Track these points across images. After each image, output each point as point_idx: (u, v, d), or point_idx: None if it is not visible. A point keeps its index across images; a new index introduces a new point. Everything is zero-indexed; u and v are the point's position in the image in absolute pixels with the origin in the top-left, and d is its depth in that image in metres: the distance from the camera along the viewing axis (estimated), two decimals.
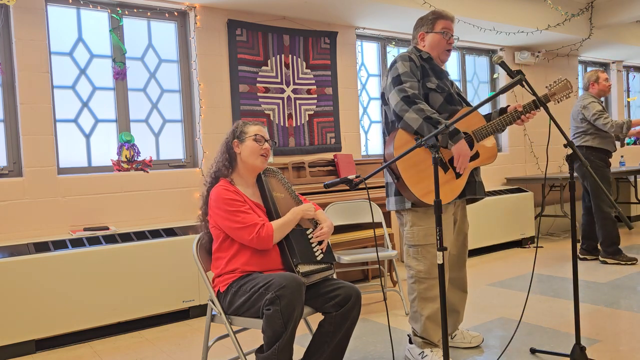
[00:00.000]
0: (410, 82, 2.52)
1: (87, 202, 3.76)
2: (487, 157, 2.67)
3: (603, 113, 4.67)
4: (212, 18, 4.34)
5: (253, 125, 2.42)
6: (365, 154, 5.43)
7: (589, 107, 4.72)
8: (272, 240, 2.23)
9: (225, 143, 2.42)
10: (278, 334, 2.04)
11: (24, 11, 3.58)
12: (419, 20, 2.78)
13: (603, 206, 4.73)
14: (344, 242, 4.08)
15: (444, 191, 2.52)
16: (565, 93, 2.67)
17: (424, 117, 2.43)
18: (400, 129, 2.53)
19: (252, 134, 2.38)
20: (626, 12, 5.84)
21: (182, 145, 4.35)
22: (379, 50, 5.54)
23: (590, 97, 4.79)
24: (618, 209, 2.22)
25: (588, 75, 4.91)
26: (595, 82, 4.84)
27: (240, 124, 2.45)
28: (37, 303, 3.16)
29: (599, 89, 4.83)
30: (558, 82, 2.65)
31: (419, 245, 2.60)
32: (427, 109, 2.45)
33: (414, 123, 2.44)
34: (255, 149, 2.37)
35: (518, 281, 4.33)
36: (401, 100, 2.47)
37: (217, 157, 2.42)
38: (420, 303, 2.60)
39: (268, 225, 2.24)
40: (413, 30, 2.81)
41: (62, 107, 3.84)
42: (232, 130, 2.44)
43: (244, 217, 2.23)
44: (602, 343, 2.86)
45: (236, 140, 2.39)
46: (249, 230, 2.21)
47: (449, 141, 2.47)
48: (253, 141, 2.37)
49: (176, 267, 3.62)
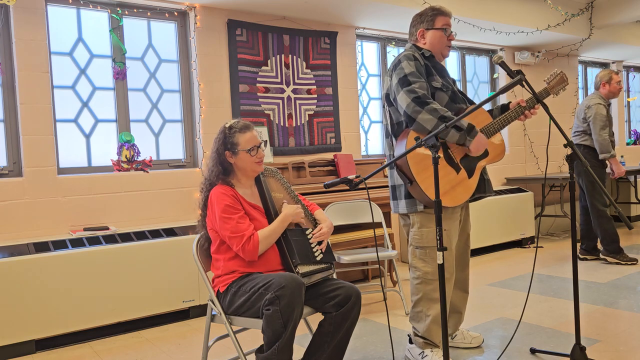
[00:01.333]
0: (419, 83, 2.48)
1: (87, 202, 3.76)
2: (497, 155, 2.67)
3: (605, 122, 4.63)
4: (212, 18, 4.34)
5: (242, 134, 2.31)
6: (365, 154, 5.43)
7: (593, 107, 4.69)
8: (257, 252, 2.22)
9: (216, 155, 2.32)
10: (278, 334, 2.04)
11: (24, 11, 3.58)
12: (417, 16, 2.73)
13: (597, 205, 4.72)
14: (344, 242, 4.08)
15: (458, 192, 2.51)
16: (562, 86, 2.75)
17: (439, 116, 2.41)
18: (413, 130, 2.49)
19: (245, 146, 2.30)
20: (626, 12, 5.84)
21: (182, 145, 4.35)
22: (379, 50, 5.54)
23: (597, 98, 4.76)
24: (618, 209, 2.22)
25: (601, 75, 4.84)
26: (607, 83, 4.78)
27: (227, 132, 2.31)
28: (37, 303, 3.16)
29: (609, 89, 4.78)
30: (554, 75, 2.72)
31: (427, 247, 2.58)
32: (440, 109, 2.43)
33: (429, 124, 2.42)
34: (250, 160, 2.32)
35: (518, 281, 4.33)
36: (412, 101, 2.44)
37: (211, 168, 2.34)
38: (427, 303, 2.59)
39: (255, 237, 2.22)
40: (411, 28, 2.75)
41: (62, 107, 3.84)
42: (222, 140, 2.32)
43: (235, 225, 2.22)
44: (602, 343, 2.86)
45: (228, 152, 2.32)
46: (237, 241, 2.21)
47: (467, 138, 2.46)
48: (247, 154, 2.31)
49: (176, 267, 3.62)
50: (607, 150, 4.61)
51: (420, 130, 2.46)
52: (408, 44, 2.75)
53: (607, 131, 4.65)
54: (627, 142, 8.23)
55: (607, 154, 4.61)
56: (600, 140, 4.62)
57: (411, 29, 2.76)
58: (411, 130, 2.50)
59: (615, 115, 7.99)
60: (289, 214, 2.31)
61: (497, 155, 2.67)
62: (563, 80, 2.73)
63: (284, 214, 2.31)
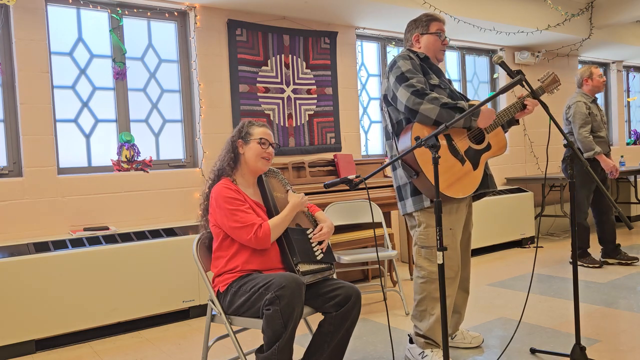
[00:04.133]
0: (416, 78, 2.53)
1: (87, 202, 3.76)
2: (499, 148, 2.69)
3: (585, 120, 4.49)
4: (212, 18, 4.34)
5: (259, 127, 2.43)
6: (365, 154, 5.43)
7: (573, 106, 4.57)
8: (269, 239, 2.23)
9: (230, 142, 2.43)
10: (278, 334, 2.04)
11: (24, 11, 3.58)
12: (412, 22, 2.80)
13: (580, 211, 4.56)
14: (344, 242, 4.08)
15: (464, 184, 2.52)
16: (555, 86, 2.80)
17: (440, 104, 2.44)
18: (417, 122, 2.51)
19: (257, 136, 2.39)
20: (626, 12, 5.84)
21: (182, 145, 4.35)
22: (379, 50, 5.54)
23: (578, 96, 4.63)
24: (618, 209, 2.22)
25: (581, 72, 4.71)
26: (589, 78, 4.65)
27: (246, 123, 2.45)
28: (37, 303, 3.16)
29: (592, 85, 4.65)
30: (547, 75, 2.78)
31: (432, 246, 2.60)
32: (440, 97, 2.46)
33: (432, 113, 2.44)
34: (258, 151, 2.38)
35: (518, 281, 4.33)
36: (412, 94, 2.47)
37: (221, 155, 2.43)
38: (432, 302, 2.60)
39: (265, 225, 2.24)
40: (406, 33, 2.82)
41: (62, 107, 3.84)
42: (238, 129, 2.45)
43: (243, 216, 2.24)
44: (602, 343, 2.86)
45: (241, 140, 2.40)
46: (247, 230, 2.22)
47: (472, 119, 2.49)
48: (257, 144, 2.38)
49: (176, 267, 3.62)
50: (590, 148, 4.47)
51: (424, 121, 2.48)
52: (403, 49, 2.79)
53: (588, 128, 4.49)
54: (627, 142, 8.23)
55: (591, 151, 4.46)
56: (581, 139, 4.48)
57: (406, 35, 2.83)
58: (415, 123, 2.51)
59: (615, 115, 7.99)
60: (297, 202, 2.35)
61: (499, 148, 2.70)
62: (555, 80, 2.78)
63: (292, 203, 2.35)
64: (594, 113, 4.60)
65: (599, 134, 4.60)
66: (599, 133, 4.61)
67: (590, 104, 4.64)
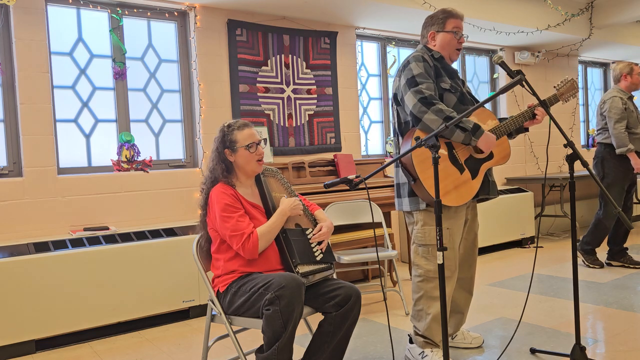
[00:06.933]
0: (426, 84, 2.50)
1: (87, 202, 3.76)
2: (502, 157, 2.68)
3: (620, 115, 4.40)
4: (212, 18, 4.34)
5: (240, 131, 2.35)
6: (365, 154, 5.43)
7: (609, 101, 4.48)
8: (257, 250, 2.22)
9: (217, 154, 2.36)
10: (278, 334, 2.04)
11: (24, 11, 3.58)
12: (429, 18, 2.75)
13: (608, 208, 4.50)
14: (344, 242, 4.08)
15: (461, 192, 2.52)
16: (572, 93, 2.74)
17: (444, 117, 2.42)
18: (419, 129, 2.51)
19: (242, 143, 2.33)
20: (626, 12, 5.84)
21: (182, 145, 4.35)
22: (379, 50, 5.54)
23: (614, 92, 4.53)
24: (618, 209, 2.22)
25: (620, 67, 4.57)
26: (628, 75, 4.54)
27: (226, 131, 2.36)
28: (37, 303, 3.16)
29: (631, 81, 4.53)
30: (565, 82, 2.72)
31: (429, 245, 2.60)
32: (445, 109, 2.45)
33: (434, 124, 2.43)
34: (249, 157, 2.34)
35: (518, 281, 4.33)
36: (418, 102, 2.46)
37: (212, 167, 2.37)
38: (427, 302, 2.60)
39: (254, 235, 2.22)
40: (422, 29, 2.78)
41: (62, 107, 3.84)
42: (220, 138, 2.36)
43: (235, 224, 2.23)
44: (602, 343, 2.86)
45: (228, 150, 2.35)
46: (237, 239, 2.21)
47: (472, 138, 2.47)
48: (245, 150, 2.33)
49: (176, 267, 3.62)
50: (624, 144, 4.37)
51: (425, 130, 2.48)
52: (419, 45, 2.77)
53: (624, 124, 4.40)
54: None
55: (624, 147, 4.37)
56: (616, 134, 4.40)
57: (422, 31, 2.78)
58: (417, 129, 2.51)
59: None
60: (286, 208, 2.31)
61: (502, 157, 2.67)
62: (574, 87, 2.71)
63: (281, 209, 2.31)
64: (630, 109, 4.52)
65: (634, 130, 4.49)
66: (635, 130, 4.50)
67: (627, 100, 4.54)
